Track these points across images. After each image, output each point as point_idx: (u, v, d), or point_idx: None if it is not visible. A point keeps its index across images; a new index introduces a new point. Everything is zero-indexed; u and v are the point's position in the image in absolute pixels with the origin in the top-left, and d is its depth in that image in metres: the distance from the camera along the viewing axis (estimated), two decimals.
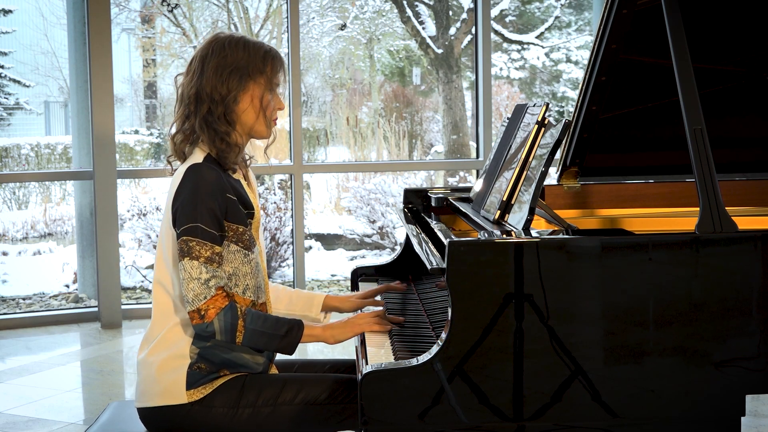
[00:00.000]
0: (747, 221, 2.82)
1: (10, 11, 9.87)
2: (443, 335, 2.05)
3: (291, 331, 2.28)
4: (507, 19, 10.80)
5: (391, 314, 2.62)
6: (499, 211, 2.34)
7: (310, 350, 5.14)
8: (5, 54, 10.20)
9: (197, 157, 2.31)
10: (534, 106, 2.48)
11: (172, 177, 2.35)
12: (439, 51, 9.68)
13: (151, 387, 2.30)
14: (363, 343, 2.35)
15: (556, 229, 2.44)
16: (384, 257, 8.19)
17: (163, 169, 2.45)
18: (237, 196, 2.31)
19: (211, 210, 2.23)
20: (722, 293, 2.11)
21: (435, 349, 2.05)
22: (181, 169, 2.31)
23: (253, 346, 2.29)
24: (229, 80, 2.30)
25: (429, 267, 2.18)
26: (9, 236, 8.87)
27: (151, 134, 10.43)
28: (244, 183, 2.39)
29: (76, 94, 6.19)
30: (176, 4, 9.03)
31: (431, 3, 9.71)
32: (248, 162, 2.49)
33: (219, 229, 2.25)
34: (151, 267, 7.67)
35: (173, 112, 2.41)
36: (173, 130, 2.37)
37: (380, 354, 2.24)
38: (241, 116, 2.34)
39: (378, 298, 2.76)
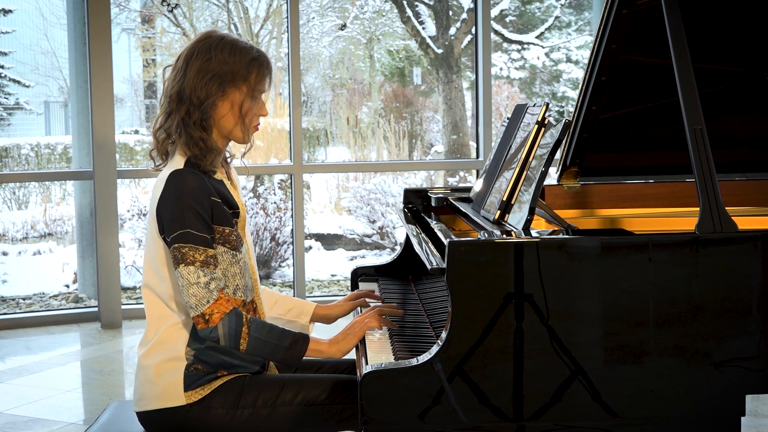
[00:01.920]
0: (747, 221, 2.82)
1: (10, 11, 9.87)
2: (443, 335, 2.05)
3: (296, 344, 2.25)
4: (507, 19, 10.80)
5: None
6: (499, 211, 2.34)
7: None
8: (5, 54, 10.20)
9: (178, 161, 2.29)
10: (534, 106, 2.48)
11: (156, 181, 2.33)
12: (439, 51, 9.68)
13: (149, 390, 2.29)
14: (363, 342, 2.35)
15: (556, 229, 2.44)
16: (384, 257, 8.19)
17: (148, 169, 2.43)
18: (221, 197, 2.29)
19: (198, 214, 2.21)
20: (722, 293, 2.11)
21: (435, 349, 2.05)
22: (163, 174, 2.28)
23: (257, 354, 2.27)
24: (209, 85, 2.27)
25: (429, 267, 2.18)
26: (9, 236, 8.87)
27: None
28: (227, 183, 2.37)
29: (76, 94, 6.19)
30: (176, 4, 9.03)
31: (431, 3, 9.70)
32: (229, 160, 2.46)
33: (209, 232, 2.23)
34: None
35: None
36: (157, 125, 2.35)
37: (380, 354, 2.24)
38: (219, 121, 2.31)
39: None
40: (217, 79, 2.28)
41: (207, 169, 2.30)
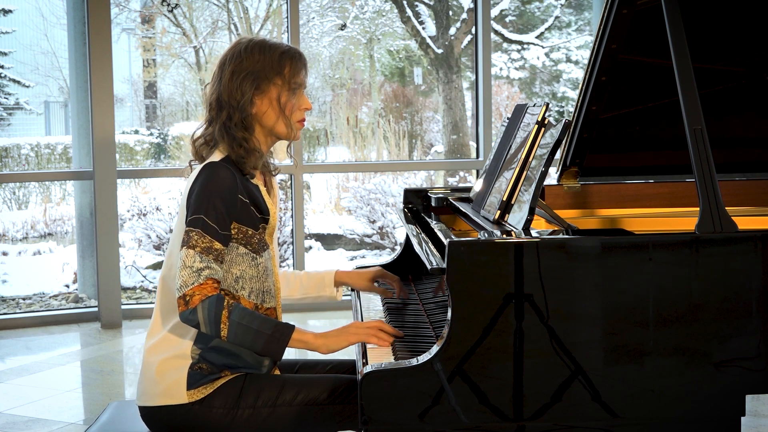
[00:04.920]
0: (747, 221, 2.82)
1: (10, 11, 9.88)
2: (443, 335, 2.05)
3: (278, 332, 2.22)
4: (507, 19, 10.81)
5: (391, 314, 2.63)
6: (499, 211, 2.34)
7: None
8: (5, 54, 10.21)
9: (215, 156, 2.33)
10: (534, 106, 2.48)
11: (190, 174, 2.36)
12: (439, 51, 9.68)
13: (152, 387, 2.30)
14: (363, 343, 2.35)
15: (556, 229, 2.44)
16: (384, 257, 8.19)
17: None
18: (250, 199, 2.31)
19: (216, 207, 2.22)
20: (722, 293, 2.11)
21: (435, 349, 2.05)
22: (198, 167, 2.33)
23: (238, 342, 2.22)
24: (243, 84, 2.31)
25: (429, 267, 2.18)
26: (9, 236, 8.88)
27: (151, 134, 10.44)
28: (262, 189, 2.38)
29: (76, 94, 6.19)
30: (176, 4, 9.03)
31: (431, 3, 9.71)
32: (274, 171, 2.48)
33: (223, 227, 2.24)
34: (152, 267, 7.68)
35: (173, 112, 2.42)
36: (197, 134, 2.40)
37: (380, 354, 2.24)
38: (261, 119, 2.35)
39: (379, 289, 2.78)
40: (250, 77, 2.31)
41: (246, 171, 2.33)
